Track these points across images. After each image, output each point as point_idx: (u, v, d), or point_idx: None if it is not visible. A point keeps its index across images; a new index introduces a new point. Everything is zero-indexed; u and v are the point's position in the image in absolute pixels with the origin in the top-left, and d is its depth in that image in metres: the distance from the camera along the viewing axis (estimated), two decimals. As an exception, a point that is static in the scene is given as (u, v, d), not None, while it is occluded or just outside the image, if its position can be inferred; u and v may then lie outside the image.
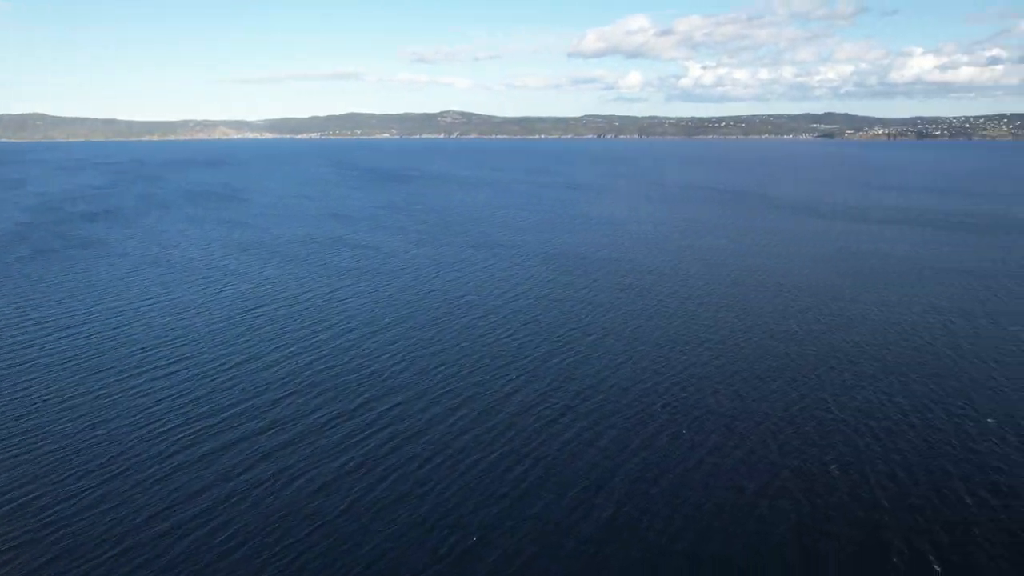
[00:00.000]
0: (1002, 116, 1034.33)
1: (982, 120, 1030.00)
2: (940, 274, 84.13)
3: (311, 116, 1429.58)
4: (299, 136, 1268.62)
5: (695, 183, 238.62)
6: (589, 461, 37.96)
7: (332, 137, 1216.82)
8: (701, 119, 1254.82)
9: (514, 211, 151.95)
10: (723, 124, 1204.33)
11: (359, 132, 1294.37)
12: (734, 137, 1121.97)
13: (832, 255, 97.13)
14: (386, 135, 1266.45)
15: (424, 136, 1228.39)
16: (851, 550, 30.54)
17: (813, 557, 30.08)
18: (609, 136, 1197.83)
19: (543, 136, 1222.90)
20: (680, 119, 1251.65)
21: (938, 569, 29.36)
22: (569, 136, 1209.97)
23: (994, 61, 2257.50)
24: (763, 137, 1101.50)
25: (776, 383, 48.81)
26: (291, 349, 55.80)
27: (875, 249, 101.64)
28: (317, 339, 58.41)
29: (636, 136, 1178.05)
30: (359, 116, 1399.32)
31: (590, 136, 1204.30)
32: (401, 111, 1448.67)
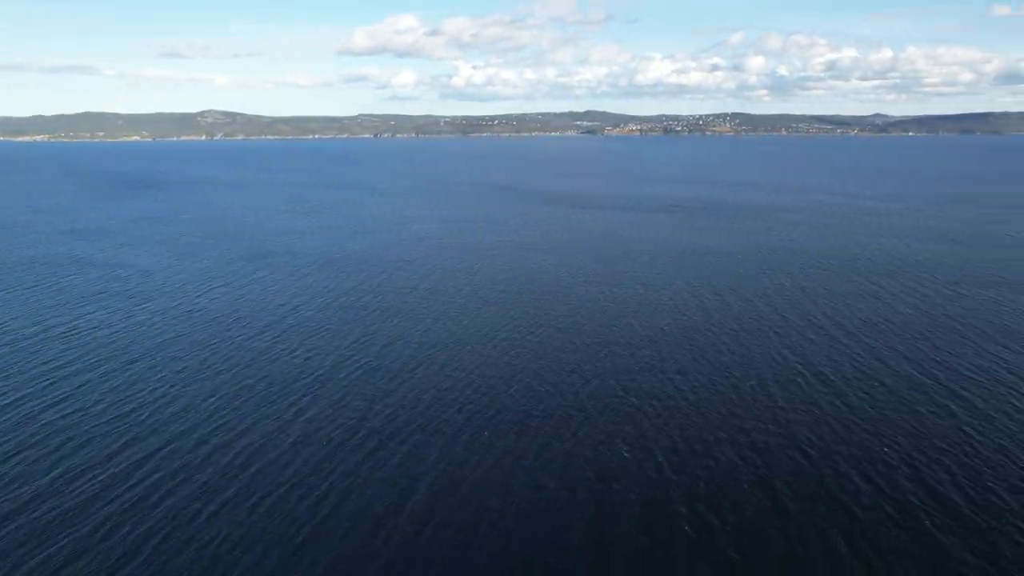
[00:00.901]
0: (725, 115, 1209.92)
1: (711, 118, 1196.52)
2: (689, 255, 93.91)
3: (34, 115, 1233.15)
4: (20, 139, 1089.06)
5: (473, 180, 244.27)
6: (387, 479, 35.81)
7: (67, 140, 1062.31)
8: (475, 117, 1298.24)
9: (289, 216, 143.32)
10: (496, 122, 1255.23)
11: (102, 134, 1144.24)
12: (507, 134, 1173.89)
13: (602, 244, 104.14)
14: (136, 137, 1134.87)
15: (182, 138, 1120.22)
16: (645, 528, 31.88)
17: (611, 542, 30.89)
18: (386, 135, 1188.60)
19: (317, 136, 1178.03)
20: (455, 118, 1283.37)
21: (723, 529, 31.67)
22: (345, 136, 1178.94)
23: (715, 68, 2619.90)
24: (533, 134, 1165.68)
25: (565, 375, 50.34)
26: (19, 395, 46.30)
27: (636, 235, 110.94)
28: (54, 380, 49.16)
29: (413, 135, 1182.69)
30: (100, 116, 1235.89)
31: (367, 136, 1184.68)
32: (153, 111, 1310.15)
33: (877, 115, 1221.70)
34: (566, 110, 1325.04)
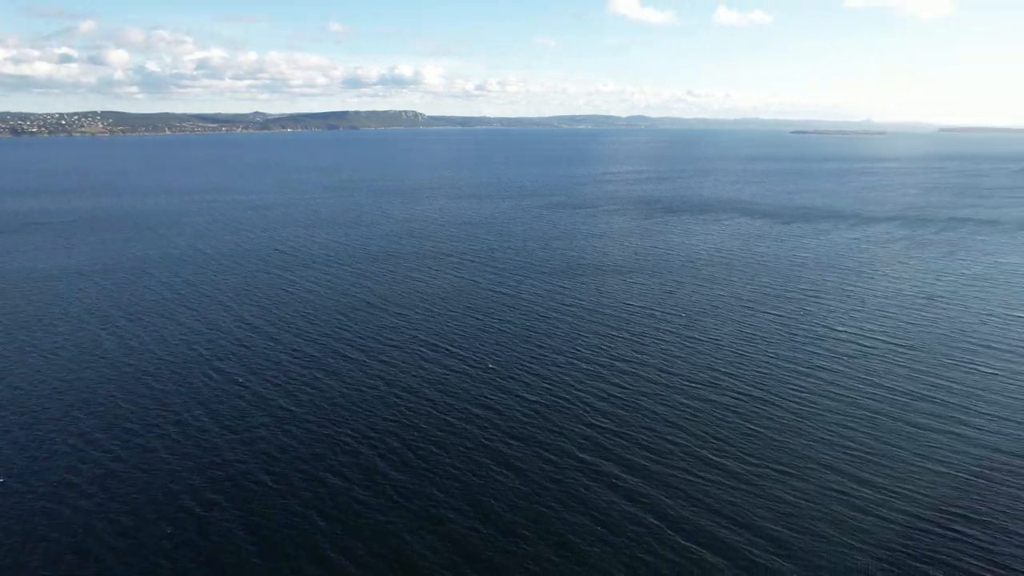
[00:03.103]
0: (95, 113, 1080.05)
1: (77, 117, 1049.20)
2: (75, 279, 79.51)
3: None
4: None
5: None
6: None
7: None
8: None
9: None
10: None
11: None
12: None
13: None
14: None
15: None
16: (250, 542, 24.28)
17: None
18: None
19: None
20: None
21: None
22: None
23: (67, 59, 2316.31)
24: None
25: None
26: None
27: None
28: None
29: None
30: None
31: None
32: None
33: (257, 113, 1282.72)
34: None
